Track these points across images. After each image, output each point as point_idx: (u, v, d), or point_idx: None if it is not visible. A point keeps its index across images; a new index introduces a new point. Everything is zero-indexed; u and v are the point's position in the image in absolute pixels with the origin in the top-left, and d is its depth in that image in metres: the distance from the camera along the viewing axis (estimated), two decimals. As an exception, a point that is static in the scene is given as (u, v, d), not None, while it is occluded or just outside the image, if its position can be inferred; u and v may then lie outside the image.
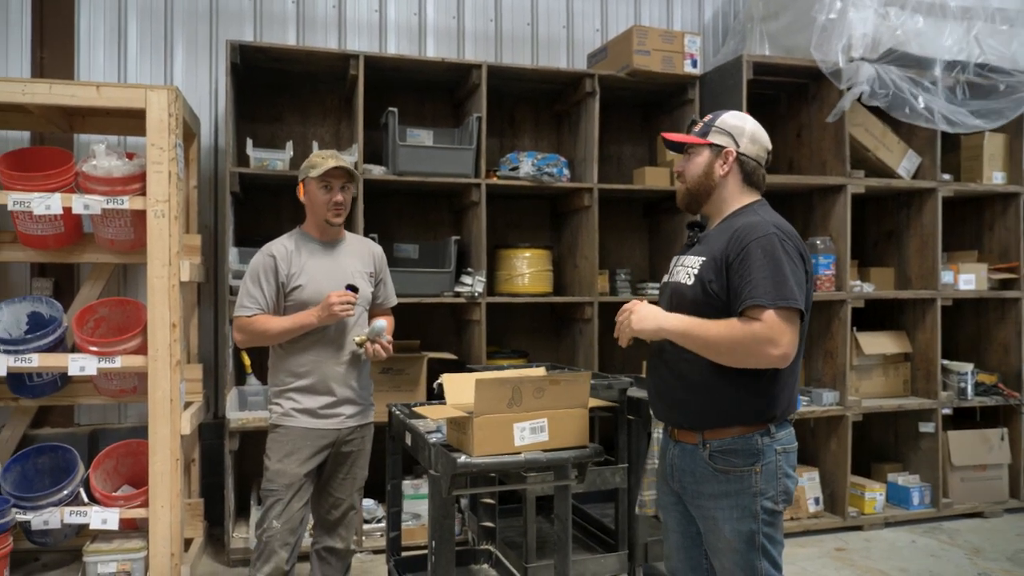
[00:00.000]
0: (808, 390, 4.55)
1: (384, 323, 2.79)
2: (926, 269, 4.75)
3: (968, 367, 4.81)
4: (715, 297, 2.01)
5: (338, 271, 2.84)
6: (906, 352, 4.83)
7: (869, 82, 4.24)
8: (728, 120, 2.16)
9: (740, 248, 1.98)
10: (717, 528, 2.05)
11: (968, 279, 4.82)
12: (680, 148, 2.25)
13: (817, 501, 4.53)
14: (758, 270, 1.93)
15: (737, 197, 2.14)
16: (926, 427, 4.71)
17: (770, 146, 2.20)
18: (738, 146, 2.13)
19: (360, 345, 2.79)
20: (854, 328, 4.60)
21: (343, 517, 2.92)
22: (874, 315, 5.00)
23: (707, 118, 2.21)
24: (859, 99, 4.34)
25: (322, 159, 2.80)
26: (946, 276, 4.74)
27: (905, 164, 4.71)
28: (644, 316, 2.07)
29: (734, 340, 1.93)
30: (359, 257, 2.96)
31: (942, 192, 4.69)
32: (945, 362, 4.82)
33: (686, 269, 2.12)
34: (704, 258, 2.07)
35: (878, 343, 4.76)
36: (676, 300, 2.10)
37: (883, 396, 4.78)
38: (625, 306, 2.14)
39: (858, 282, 4.60)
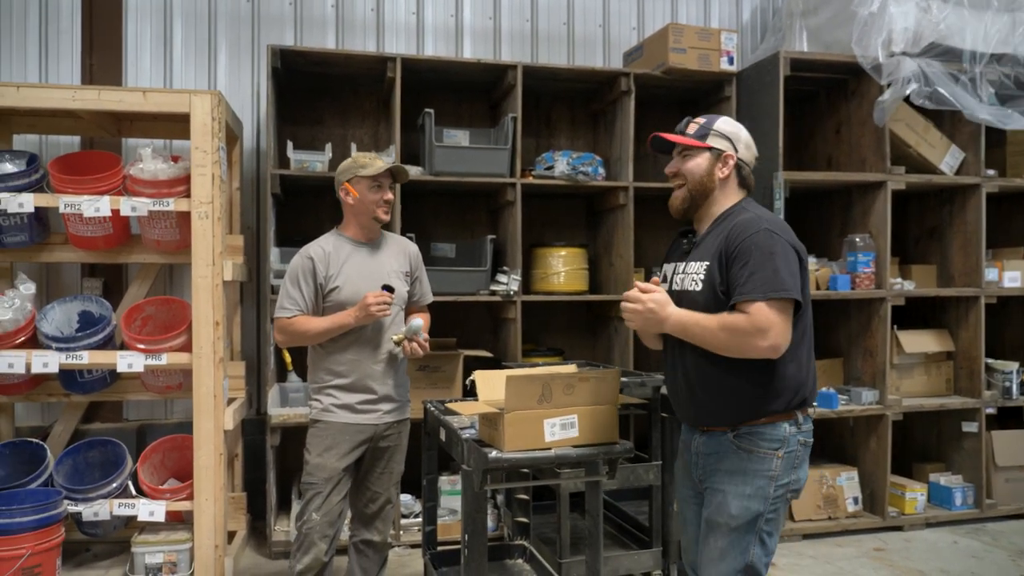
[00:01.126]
0: (847, 388, 4.49)
1: (421, 321, 2.84)
2: (970, 266, 4.65)
3: (1014, 366, 4.70)
4: (724, 298, 2.05)
5: (375, 271, 2.90)
6: (948, 351, 4.74)
7: (916, 79, 4.16)
8: (724, 126, 2.21)
9: (735, 247, 2.03)
10: (724, 502, 2.07)
11: (1014, 276, 4.71)
12: (669, 148, 2.28)
13: (856, 501, 4.47)
14: (749, 266, 1.99)
15: (729, 198, 2.20)
16: (969, 427, 4.62)
17: (757, 154, 2.28)
18: (736, 151, 2.19)
19: (398, 344, 2.85)
20: (895, 326, 4.52)
21: (380, 511, 2.98)
22: (916, 313, 4.91)
23: (701, 121, 2.24)
24: (906, 99, 4.26)
25: (370, 160, 2.89)
26: (990, 273, 4.64)
27: (948, 160, 4.62)
28: (647, 319, 2.10)
29: (725, 333, 1.98)
30: (395, 256, 3.02)
31: (986, 188, 4.59)
32: (989, 361, 4.73)
33: (691, 276, 2.15)
34: (707, 262, 2.11)
35: (919, 341, 4.68)
36: (689, 308, 2.10)
37: (925, 395, 4.70)
38: (634, 295, 2.12)
39: (899, 280, 4.53)
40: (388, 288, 2.79)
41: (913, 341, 4.66)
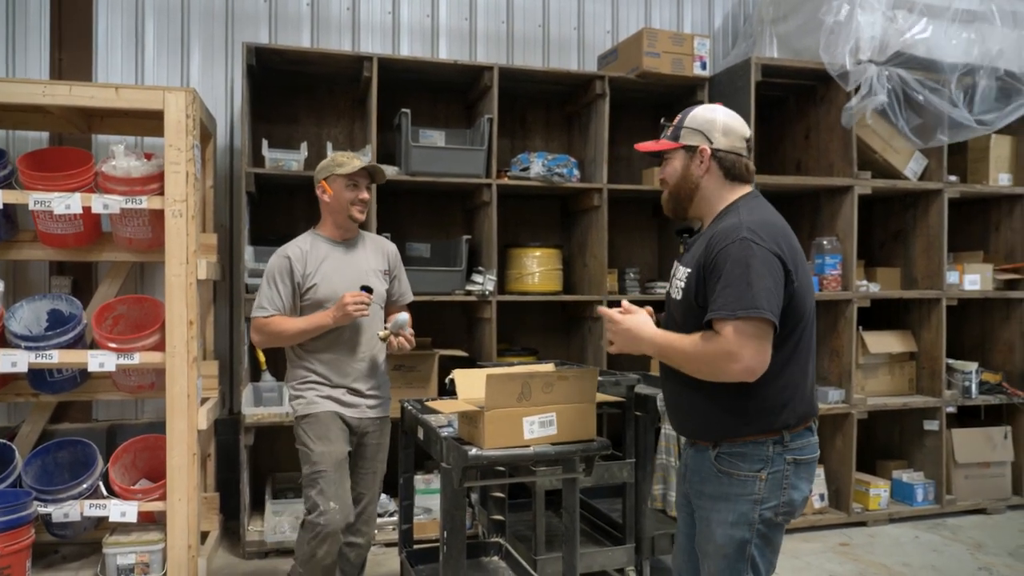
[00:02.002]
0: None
1: (407, 316, 2.87)
2: (932, 269, 4.79)
3: (973, 366, 4.85)
4: (700, 310, 1.94)
5: (352, 270, 2.91)
6: (911, 351, 4.88)
7: (882, 87, 4.25)
8: (697, 116, 2.08)
9: (712, 257, 1.91)
10: (710, 530, 2.00)
11: (973, 279, 4.86)
12: (659, 156, 2.17)
13: (822, 497, 4.58)
14: (722, 280, 1.87)
15: (721, 195, 2.06)
16: (931, 425, 4.76)
17: (747, 133, 2.09)
18: (711, 142, 2.04)
19: (384, 339, 2.86)
20: (860, 327, 4.64)
21: (363, 512, 2.98)
22: (880, 315, 5.05)
23: (676, 119, 2.13)
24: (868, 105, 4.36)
25: (347, 159, 2.90)
26: (952, 276, 4.79)
27: (912, 166, 4.75)
28: (626, 341, 2.03)
29: (698, 357, 1.89)
30: (373, 256, 3.03)
31: (948, 193, 4.73)
32: (950, 361, 4.87)
33: (677, 282, 2.07)
34: (690, 269, 2.01)
35: (884, 342, 4.81)
36: (673, 314, 2.08)
37: (888, 394, 4.83)
38: (611, 316, 2.06)
39: (864, 282, 4.64)
40: (366, 288, 2.80)
41: (878, 342, 4.78)
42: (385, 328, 2.90)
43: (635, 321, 2.03)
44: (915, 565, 3.95)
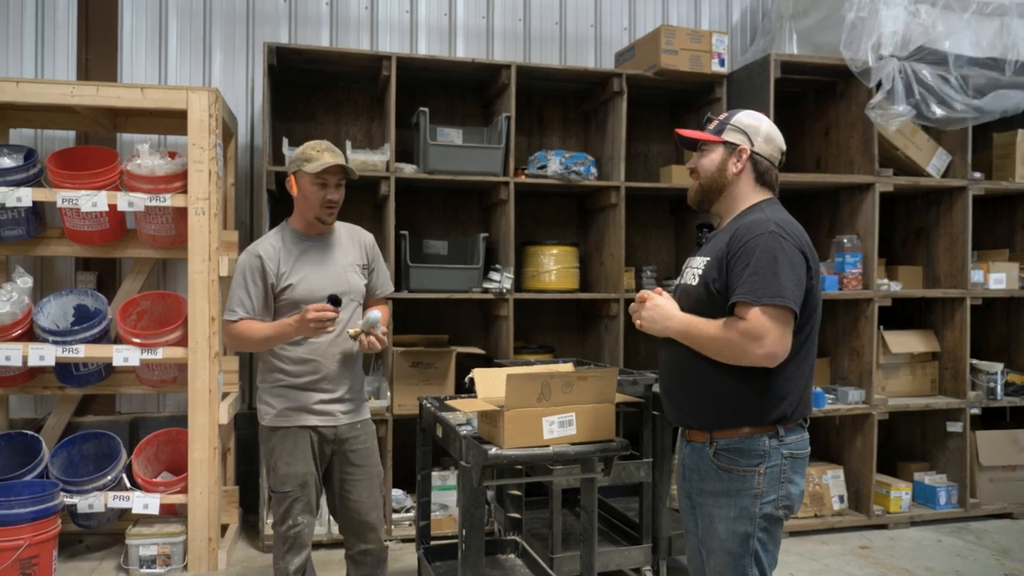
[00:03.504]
0: (834, 388, 4.56)
1: (379, 314, 2.64)
2: (955, 268, 4.73)
3: (998, 367, 4.78)
4: (718, 296, 2.01)
5: (329, 265, 2.75)
6: (934, 351, 4.82)
7: (905, 91, 4.21)
8: (743, 119, 2.16)
9: (739, 246, 1.98)
10: (712, 526, 2.05)
11: (999, 278, 4.79)
12: (694, 145, 2.23)
13: (842, 499, 4.55)
14: (750, 268, 1.93)
15: (748, 196, 2.13)
16: (954, 427, 4.70)
17: (784, 147, 2.19)
18: (752, 145, 2.12)
19: (354, 338, 2.65)
20: (881, 327, 4.60)
21: (368, 519, 2.82)
22: (902, 314, 5.00)
23: (722, 116, 2.21)
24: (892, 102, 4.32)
25: (317, 152, 2.65)
26: (976, 275, 4.72)
27: (935, 162, 4.70)
28: (653, 318, 2.09)
29: (722, 339, 1.95)
30: (350, 249, 2.84)
31: (973, 190, 4.67)
32: (974, 361, 4.81)
33: (692, 270, 2.14)
34: (708, 258, 2.07)
35: (905, 342, 4.76)
36: (684, 302, 2.12)
37: (910, 395, 4.78)
38: (641, 294, 2.15)
39: (885, 280, 4.60)
40: (334, 299, 2.56)
41: (899, 341, 4.73)
42: (356, 325, 2.70)
43: (667, 301, 2.12)
44: (938, 570, 3.90)
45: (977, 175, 4.72)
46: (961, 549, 4.22)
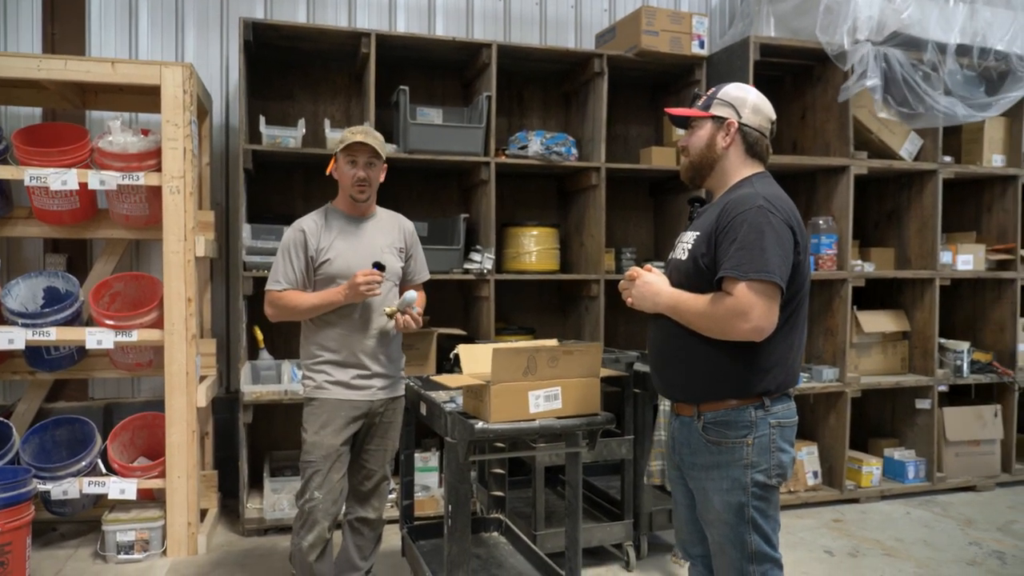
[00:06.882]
0: (809, 367, 4.64)
1: (415, 294, 2.79)
2: (926, 249, 4.82)
3: (964, 346, 4.90)
4: (707, 271, 2.02)
5: (366, 246, 2.86)
6: (904, 331, 4.93)
7: (881, 78, 4.26)
8: (730, 91, 2.16)
9: (727, 221, 1.98)
10: (708, 499, 2.08)
11: (966, 260, 4.91)
12: (685, 123, 2.23)
13: (816, 475, 4.64)
14: (738, 243, 1.94)
15: (739, 169, 2.14)
16: (922, 404, 4.82)
17: (773, 116, 2.19)
18: (740, 116, 2.12)
19: (390, 316, 2.79)
20: (854, 307, 4.68)
21: (376, 488, 2.97)
22: (874, 294, 5.09)
23: (710, 91, 2.21)
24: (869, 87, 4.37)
25: (351, 134, 2.81)
26: (945, 256, 4.83)
27: (907, 146, 4.77)
28: (643, 294, 2.12)
29: (709, 314, 1.97)
30: (388, 232, 2.97)
31: (943, 174, 4.76)
32: (942, 340, 4.92)
33: (683, 245, 2.15)
34: (699, 233, 2.09)
35: (877, 321, 4.85)
36: (675, 276, 2.14)
37: (881, 373, 4.88)
38: (631, 272, 2.17)
39: (859, 262, 4.68)
40: (379, 266, 2.73)
41: (872, 321, 4.82)
42: (392, 304, 2.84)
43: (657, 277, 2.14)
44: (907, 540, 4.01)
45: (947, 159, 4.81)
46: (929, 520, 4.33)
